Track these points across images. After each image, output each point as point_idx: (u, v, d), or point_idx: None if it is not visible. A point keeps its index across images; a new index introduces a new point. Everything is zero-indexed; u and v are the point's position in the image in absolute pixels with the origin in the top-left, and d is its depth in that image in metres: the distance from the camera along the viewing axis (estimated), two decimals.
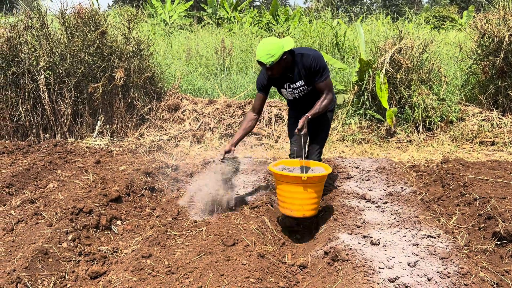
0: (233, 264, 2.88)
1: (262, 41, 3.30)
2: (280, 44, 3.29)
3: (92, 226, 3.56)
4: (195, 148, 6.16)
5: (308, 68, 3.47)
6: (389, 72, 6.30)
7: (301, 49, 3.55)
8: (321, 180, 3.32)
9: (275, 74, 3.44)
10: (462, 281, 2.63)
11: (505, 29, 6.13)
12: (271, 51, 3.24)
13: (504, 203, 3.70)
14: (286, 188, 3.28)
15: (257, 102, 3.73)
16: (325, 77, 3.52)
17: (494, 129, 6.20)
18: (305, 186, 3.18)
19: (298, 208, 3.29)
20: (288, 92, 3.72)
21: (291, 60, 3.48)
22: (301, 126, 3.33)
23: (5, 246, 3.11)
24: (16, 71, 6.29)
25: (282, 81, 3.65)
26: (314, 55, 3.46)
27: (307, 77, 3.54)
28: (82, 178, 4.52)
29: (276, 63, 3.32)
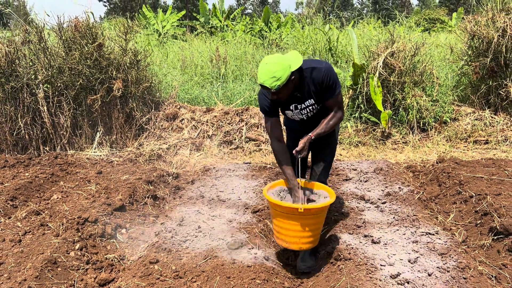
0: (238, 266, 2.96)
1: (265, 61, 2.74)
2: (286, 63, 2.72)
3: (98, 235, 3.63)
4: (195, 156, 6.24)
5: (320, 84, 2.93)
6: (382, 76, 6.42)
7: (310, 62, 2.99)
8: (322, 211, 2.89)
9: (282, 98, 2.90)
10: (461, 275, 2.72)
11: (494, 30, 6.28)
12: (276, 73, 2.68)
13: (499, 199, 3.80)
14: (281, 219, 2.87)
15: (278, 130, 3.12)
16: (338, 93, 3.00)
17: (487, 128, 6.33)
18: (302, 218, 2.78)
19: (294, 241, 2.89)
20: (295, 114, 3.15)
21: (298, 77, 2.92)
22: (300, 148, 2.90)
23: (14, 257, 3.17)
24: (15, 86, 6.35)
25: (289, 102, 3.08)
26: (326, 68, 2.93)
27: (319, 94, 3.00)
28: (85, 188, 4.59)
29: (283, 87, 2.76)
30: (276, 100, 2.95)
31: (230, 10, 23.24)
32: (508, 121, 6.38)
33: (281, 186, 3.19)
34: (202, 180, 4.97)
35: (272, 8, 63.01)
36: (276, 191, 3.13)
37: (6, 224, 3.78)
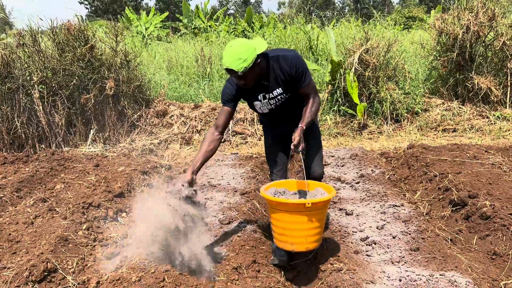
0: (229, 237, 3.39)
1: (229, 44, 2.69)
2: (251, 45, 2.69)
3: (102, 218, 4.01)
4: (185, 149, 6.64)
5: (289, 72, 2.85)
6: (358, 71, 6.92)
7: (276, 50, 2.96)
8: (326, 204, 2.79)
9: (248, 84, 2.79)
10: (420, 236, 3.20)
11: (459, 27, 6.82)
12: (242, 54, 2.62)
13: (459, 177, 4.31)
14: (286, 218, 2.69)
15: (223, 118, 2.99)
16: (309, 79, 2.92)
17: (455, 118, 6.86)
18: (309, 214, 2.62)
19: (301, 241, 2.71)
20: (264, 104, 3.01)
21: (265, 65, 2.85)
22: (297, 141, 2.71)
23: (29, 236, 3.54)
24: (11, 87, 6.66)
25: (256, 92, 2.96)
26: (293, 56, 2.86)
27: (287, 83, 2.91)
28: (85, 179, 4.96)
29: (249, 70, 2.67)
30: (243, 87, 2.85)
31: (213, 11, 23.59)
32: (474, 111, 6.93)
33: (274, 187, 3.01)
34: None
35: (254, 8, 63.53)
36: (270, 192, 2.94)
37: (17, 210, 4.14)
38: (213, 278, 2.81)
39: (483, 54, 7.11)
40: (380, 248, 3.08)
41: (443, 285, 2.55)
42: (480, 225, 3.51)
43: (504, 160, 4.84)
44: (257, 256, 3.12)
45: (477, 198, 3.79)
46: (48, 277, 3.02)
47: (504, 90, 6.98)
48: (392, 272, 2.74)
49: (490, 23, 6.82)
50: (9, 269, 3.00)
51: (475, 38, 6.83)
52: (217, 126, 3.02)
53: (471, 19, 6.73)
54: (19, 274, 2.88)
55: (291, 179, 3.09)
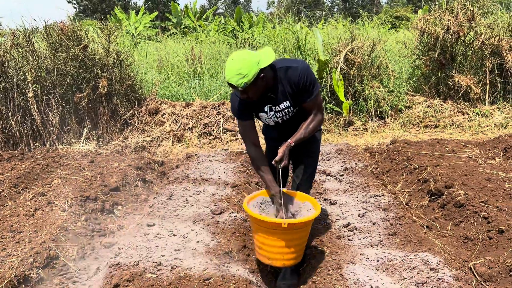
0: (221, 226, 3.62)
1: (231, 57, 2.56)
2: (254, 60, 2.51)
3: (99, 210, 4.21)
4: (177, 146, 6.84)
5: (296, 85, 2.71)
6: (344, 70, 7.17)
7: (285, 61, 2.79)
8: (306, 225, 2.70)
9: (251, 98, 2.66)
10: (398, 222, 3.45)
11: (440, 27, 7.10)
12: (242, 70, 2.48)
13: (436, 169, 4.57)
14: (263, 234, 2.67)
15: (253, 133, 2.92)
16: (316, 94, 2.77)
17: (437, 114, 7.15)
18: (286, 233, 2.59)
19: (278, 257, 2.70)
20: (270, 117, 2.88)
21: (272, 77, 2.70)
22: (280, 157, 2.64)
23: (31, 227, 3.73)
24: (6, 86, 6.80)
25: (262, 104, 2.84)
26: (303, 67, 2.70)
27: (295, 96, 2.77)
28: (81, 174, 5.15)
29: (251, 85, 2.54)
30: (247, 100, 2.72)
31: (202, 10, 23.76)
32: (455, 108, 7.23)
33: (262, 196, 2.94)
34: (185, 165, 5.60)
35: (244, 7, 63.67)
36: (257, 202, 2.88)
37: (17, 203, 4.32)
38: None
39: (463, 53, 7.42)
40: (361, 233, 3.33)
41: (416, 264, 2.81)
42: (455, 212, 3.78)
43: (480, 154, 5.13)
44: (247, 242, 3.35)
45: (452, 188, 4.06)
46: (51, 264, 3.22)
47: (483, 88, 7.28)
48: (371, 254, 2.99)
49: (469, 24, 7.12)
50: (14, 256, 3.19)
51: (455, 38, 7.13)
52: (254, 143, 2.92)
53: (452, 19, 7.02)
54: (24, 260, 3.08)
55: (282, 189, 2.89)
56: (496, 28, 7.24)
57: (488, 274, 2.88)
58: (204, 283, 2.72)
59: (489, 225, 3.36)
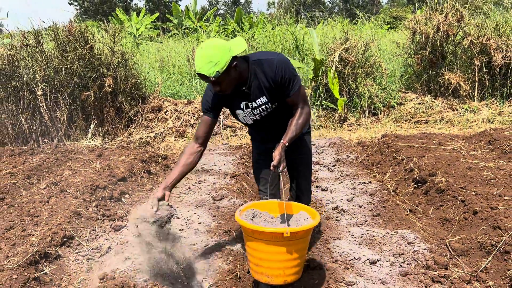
0: (221, 210, 3.95)
1: (201, 46, 2.39)
2: (225, 46, 2.38)
3: (108, 198, 4.54)
4: (179, 141, 7.18)
5: (273, 79, 2.54)
6: (338, 68, 7.51)
7: (259, 54, 2.65)
8: (309, 233, 2.47)
9: (225, 90, 2.49)
10: (382, 205, 3.78)
11: (430, 28, 7.44)
12: (213, 57, 2.33)
13: (422, 160, 4.90)
14: (261, 247, 2.39)
15: (202, 129, 2.72)
16: (298, 87, 2.58)
17: (427, 110, 7.48)
18: (288, 244, 2.34)
19: (278, 274, 2.43)
20: (246, 114, 2.70)
21: (246, 70, 2.55)
22: (277, 161, 2.41)
23: (47, 212, 4.06)
24: (16, 85, 7.15)
25: (237, 99, 2.66)
26: (279, 60, 2.54)
27: (272, 91, 2.59)
28: (90, 166, 5.48)
29: (223, 74, 2.38)
30: (220, 94, 2.55)
31: (203, 11, 24.11)
32: (445, 104, 7.56)
33: (253, 209, 2.70)
34: None
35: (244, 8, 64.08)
36: (247, 216, 2.62)
37: (32, 192, 4.66)
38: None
39: (453, 52, 7.74)
40: (348, 215, 3.66)
41: (395, 239, 3.14)
42: (436, 198, 4.11)
43: (465, 146, 5.46)
44: None
45: (435, 176, 4.39)
46: (67, 243, 3.56)
47: (472, 85, 7.61)
48: (356, 231, 3.32)
49: (458, 24, 7.45)
50: (34, 235, 3.52)
51: (445, 37, 7.46)
52: (197, 137, 2.74)
53: (441, 20, 7.35)
54: (43, 239, 3.41)
55: (273, 200, 2.76)
56: (484, 28, 7.56)
57: (461, 249, 3.21)
58: (207, 255, 3.05)
59: (466, 207, 3.69)
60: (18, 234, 3.57)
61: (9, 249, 3.30)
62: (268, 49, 10.86)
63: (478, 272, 2.90)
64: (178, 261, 2.72)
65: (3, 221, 3.91)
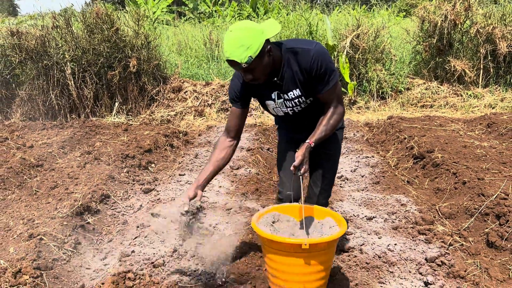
0: (238, 177, 4.45)
1: (230, 28, 2.13)
2: (257, 28, 2.12)
3: (136, 166, 5.07)
4: (198, 120, 7.69)
5: (308, 72, 2.27)
6: (349, 53, 7.90)
7: (296, 41, 2.35)
8: (331, 245, 2.24)
9: (258, 79, 2.23)
10: (381, 175, 4.25)
11: (438, 16, 7.77)
12: (244, 40, 2.07)
13: (422, 139, 5.34)
14: (279, 258, 2.22)
15: (232, 121, 2.50)
16: (334, 84, 2.30)
17: (433, 95, 7.86)
18: (308, 256, 2.15)
19: (297, 287, 2.23)
20: (278, 105, 2.45)
21: (279, 57, 2.28)
22: (299, 162, 2.17)
23: (84, 175, 4.60)
24: (47, 64, 7.68)
25: (269, 88, 2.41)
26: (317, 51, 2.25)
27: (307, 85, 2.32)
28: (118, 139, 6.02)
29: (256, 59, 2.11)
30: (251, 83, 2.30)
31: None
32: (451, 90, 7.93)
33: (274, 212, 2.50)
34: (207, 134, 6.44)
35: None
36: (267, 221, 2.44)
37: (68, 159, 5.21)
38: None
39: (460, 40, 8.08)
40: (351, 182, 4.14)
41: (390, 202, 3.61)
42: (432, 171, 4.55)
43: (463, 127, 5.87)
44: (259, 187, 4.19)
45: (433, 153, 4.83)
46: (104, 200, 4.09)
47: (477, 72, 7.95)
48: (356, 195, 3.80)
49: (466, 13, 7.78)
50: (76, 193, 4.06)
51: (452, 26, 7.79)
52: (228, 130, 2.51)
53: (449, 9, 7.68)
54: (84, 196, 3.95)
55: (295, 204, 2.55)
56: (491, 17, 7.87)
57: (449, 213, 3.67)
58: (226, 211, 3.56)
59: (456, 178, 4.13)
60: (62, 192, 4.11)
61: (56, 203, 3.84)
62: (283, 34, 11.22)
63: (461, 231, 3.37)
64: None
65: (47, 182, 4.46)
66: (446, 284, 2.52)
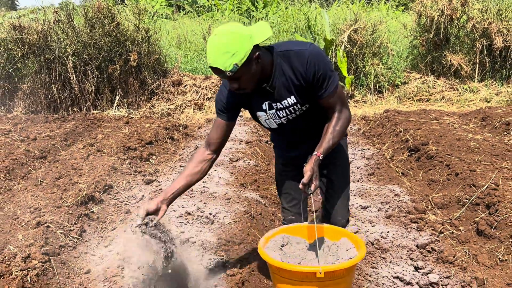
0: (238, 168, 4.58)
1: (214, 33, 1.91)
2: (244, 33, 1.91)
3: (138, 158, 5.19)
4: (198, 113, 7.80)
5: (303, 76, 2.04)
6: (347, 48, 8.00)
7: (286, 44, 2.14)
8: (349, 272, 2.00)
9: (244, 88, 2.03)
10: (376, 167, 4.38)
11: (435, 11, 7.87)
12: (230, 46, 1.86)
13: (417, 131, 5.46)
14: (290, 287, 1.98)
15: (215, 133, 2.28)
16: (334, 86, 2.08)
17: (430, 89, 7.98)
18: (323, 285, 1.91)
19: None
20: (270, 117, 2.21)
21: (269, 63, 2.06)
22: (308, 178, 1.93)
23: (88, 166, 4.72)
24: (49, 57, 7.77)
25: (258, 99, 2.19)
26: (311, 52, 2.03)
27: (302, 91, 2.10)
28: (120, 132, 6.13)
29: (243, 68, 1.91)
30: (238, 93, 2.08)
31: None
32: (447, 84, 8.04)
33: (283, 234, 2.27)
34: (206, 127, 6.56)
35: None
36: (276, 245, 2.20)
37: (72, 151, 5.33)
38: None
39: (456, 34, 8.18)
40: None
41: (384, 192, 3.74)
42: (426, 163, 4.68)
43: (458, 121, 6.00)
44: (258, 178, 4.32)
45: (427, 145, 4.95)
46: (108, 190, 4.22)
47: (473, 67, 8.06)
48: (352, 186, 3.93)
49: (462, 8, 7.87)
50: (80, 183, 4.18)
51: (449, 21, 7.89)
52: (209, 143, 2.29)
53: (446, 3, 7.77)
54: (88, 186, 4.07)
55: (305, 224, 2.32)
56: (487, 12, 7.97)
57: (441, 203, 3.81)
58: (226, 201, 3.69)
59: (449, 170, 4.26)
60: (66, 182, 4.23)
61: (61, 193, 3.96)
62: (281, 28, 11.30)
63: (452, 220, 3.50)
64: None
65: (52, 173, 4.59)
66: (435, 268, 2.65)
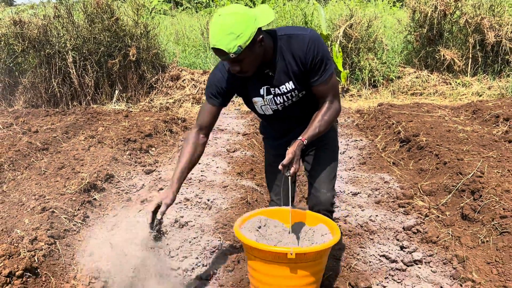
0: (234, 159, 4.74)
1: (218, 13, 1.88)
2: (249, 15, 1.87)
3: (138, 149, 5.34)
4: (196, 107, 7.95)
5: (302, 60, 2.04)
6: (342, 43, 8.15)
7: (289, 28, 2.11)
8: (321, 255, 2.04)
9: (247, 71, 2.01)
10: (368, 156, 4.55)
11: (429, 7, 8.02)
12: (234, 27, 1.83)
13: (409, 124, 5.62)
14: (263, 268, 2.03)
15: (207, 118, 2.25)
16: (330, 74, 2.10)
17: (423, 84, 8.14)
18: (295, 267, 1.94)
19: None
20: (267, 102, 2.19)
21: (271, 47, 2.05)
22: (289, 159, 1.97)
23: (89, 157, 4.87)
24: (49, 52, 7.90)
25: (255, 84, 2.17)
26: (312, 36, 2.04)
27: (301, 76, 2.10)
28: (120, 124, 6.28)
29: (246, 50, 1.89)
30: (237, 77, 2.08)
31: None
32: (440, 79, 8.21)
33: (260, 216, 2.29)
34: None
35: None
36: (252, 226, 2.23)
37: (73, 143, 5.48)
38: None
39: (449, 30, 8.34)
40: (339, 163, 4.43)
41: (375, 180, 3.91)
42: (416, 153, 4.85)
43: (449, 114, 6.16)
44: (254, 167, 4.48)
45: (418, 136, 5.12)
46: (109, 180, 4.37)
47: (466, 61, 8.22)
48: (344, 174, 4.10)
49: (455, 3, 8.03)
50: (82, 173, 4.34)
51: (442, 16, 8.04)
52: (201, 127, 2.25)
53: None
54: (90, 175, 4.22)
55: (285, 208, 2.32)
56: (480, 8, 8.12)
57: (429, 190, 3.97)
58: (223, 188, 3.85)
59: (438, 159, 4.43)
60: (69, 172, 4.38)
61: (64, 181, 4.11)
62: (279, 24, 11.43)
63: (439, 205, 3.67)
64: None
65: (55, 163, 4.74)
66: (419, 248, 2.82)
